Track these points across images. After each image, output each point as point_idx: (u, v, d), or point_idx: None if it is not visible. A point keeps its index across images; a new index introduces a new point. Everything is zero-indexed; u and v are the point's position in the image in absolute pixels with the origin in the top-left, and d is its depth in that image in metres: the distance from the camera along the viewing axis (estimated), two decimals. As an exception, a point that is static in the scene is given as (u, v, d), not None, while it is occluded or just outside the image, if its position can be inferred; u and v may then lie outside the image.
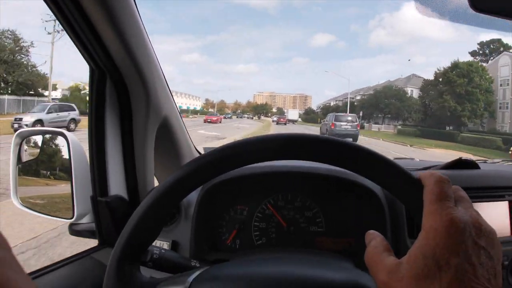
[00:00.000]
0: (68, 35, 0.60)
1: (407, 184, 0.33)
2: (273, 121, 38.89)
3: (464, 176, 0.80)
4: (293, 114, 51.04)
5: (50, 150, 0.77)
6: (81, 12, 0.56)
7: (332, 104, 58.37)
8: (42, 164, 0.77)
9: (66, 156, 0.70)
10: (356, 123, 16.55)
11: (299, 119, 52.53)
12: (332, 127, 15.68)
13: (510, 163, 1.05)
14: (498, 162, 1.08)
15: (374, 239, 0.32)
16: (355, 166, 0.36)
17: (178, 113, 0.82)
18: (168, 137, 0.80)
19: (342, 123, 16.08)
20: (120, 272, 0.38)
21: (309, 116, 57.24)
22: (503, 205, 0.79)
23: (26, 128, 0.74)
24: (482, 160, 1.05)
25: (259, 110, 75.95)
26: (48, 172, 0.77)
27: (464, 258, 0.25)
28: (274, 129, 21.05)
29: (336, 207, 0.73)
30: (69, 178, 0.69)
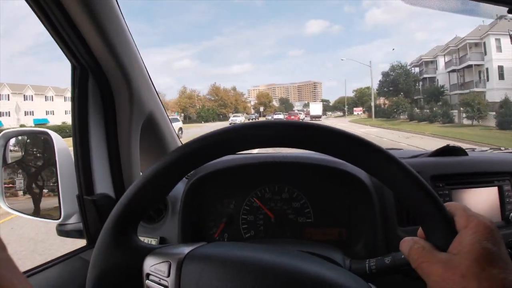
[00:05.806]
0: (48, 31, 0.60)
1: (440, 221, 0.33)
2: None
3: (454, 162, 0.80)
4: (316, 108, 38.53)
5: (35, 150, 0.76)
6: (60, 8, 0.55)
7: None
8: (28, 165, 0.76)
9: (51, 156, 0.69)
10: None
11: (363, 115, 36.03)
12: None
13: (497, 151, 1.06)
14: (486, 150, 1.08)
15: (416, 242, 0.34)
16: (385, 177, 0.34)
17: (163, 109, 0.81)
18: (153, 133, 0.80)
19: None
20: (116, 230, 0.37)
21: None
22: (493, 190, 0.79)
23: (10, 129, 0.73)
24: (470, 148, 1.06)
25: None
26: (34, 173, 0.76)
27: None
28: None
29: (324, 197, 0.73)
30: (55, 178, 0.68)
